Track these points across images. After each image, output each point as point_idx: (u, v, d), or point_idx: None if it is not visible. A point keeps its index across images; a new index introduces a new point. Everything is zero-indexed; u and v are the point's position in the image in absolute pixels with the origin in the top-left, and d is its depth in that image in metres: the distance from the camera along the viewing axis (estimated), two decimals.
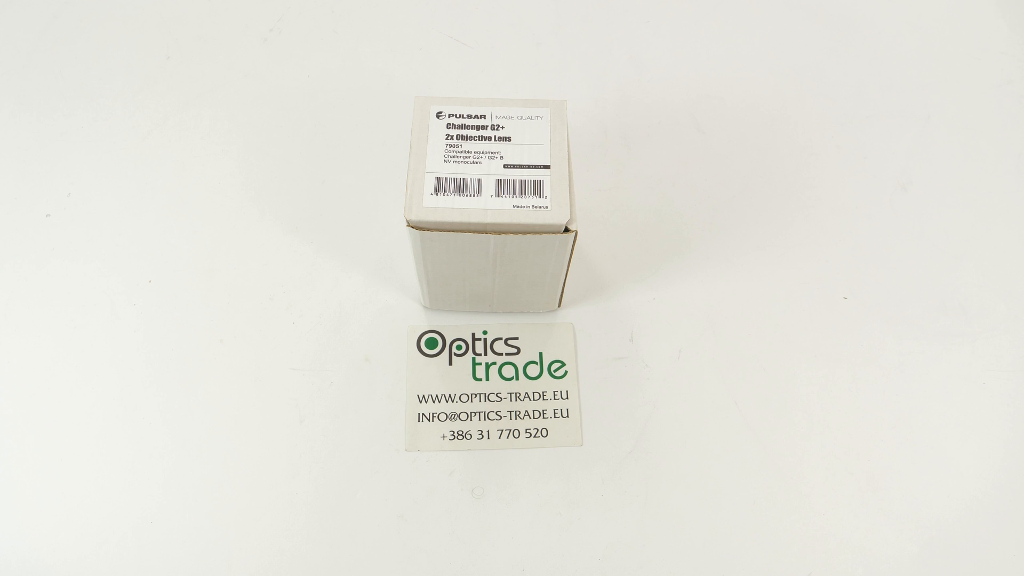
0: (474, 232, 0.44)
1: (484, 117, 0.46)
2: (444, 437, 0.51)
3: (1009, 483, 0.50)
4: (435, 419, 0.51)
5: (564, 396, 0.52)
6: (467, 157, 0.45)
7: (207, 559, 0.47)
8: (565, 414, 0.52)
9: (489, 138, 0.45)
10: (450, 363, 0.53)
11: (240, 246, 0.57)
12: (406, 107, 0.58)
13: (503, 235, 0.44)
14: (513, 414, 0.52)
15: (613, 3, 0.69)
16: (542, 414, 0.52)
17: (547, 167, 0.45)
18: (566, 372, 0.53)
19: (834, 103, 0.64)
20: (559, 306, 0.54)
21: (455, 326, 0.54)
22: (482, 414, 0.52)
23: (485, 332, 0.54)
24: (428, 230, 0.44)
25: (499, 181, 0.44)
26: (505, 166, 0.45)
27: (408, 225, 0.44)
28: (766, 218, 0.59)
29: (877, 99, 0.65)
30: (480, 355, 0.53)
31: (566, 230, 0.44)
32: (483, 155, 0.45)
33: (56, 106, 0.62)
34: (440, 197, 0.44)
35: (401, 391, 0.52)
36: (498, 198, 0.44)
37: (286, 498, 0.49)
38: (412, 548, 0.48)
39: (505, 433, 0.51)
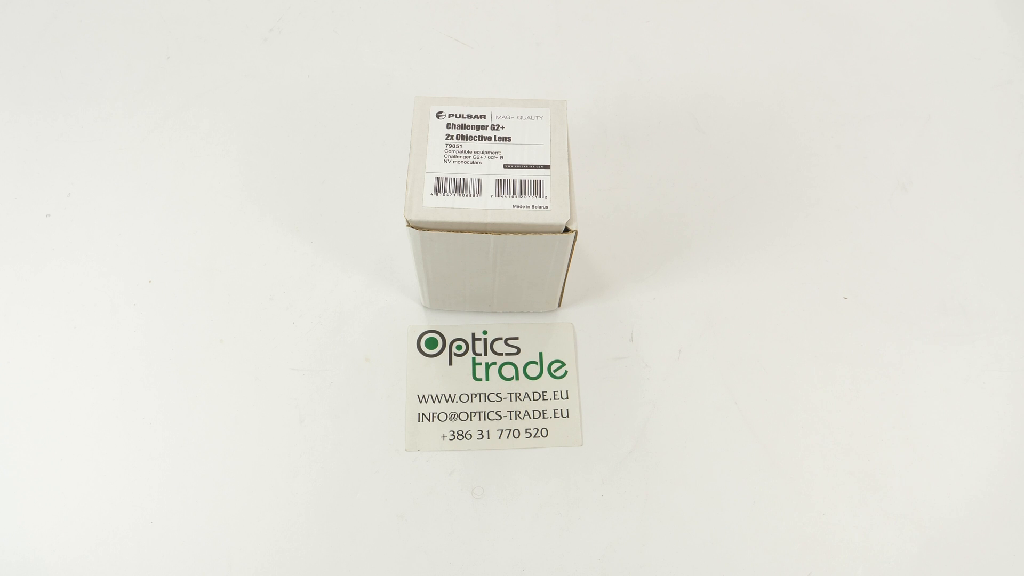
0: (474, 232, 0.44)
1: (484, 117, 0.46)
2: (444, 437, 0.51)
3: (1009, 483, 0.50)
4: (435, 419, 0.51)
5: (564, 396, 0.52)
6: (467, 157, 0.45)
7: (207, 559, 0.47)
8: (565, 414, 0.52)
9: (489, 138, 0.45)
10: (450, 363, 0.53)
11: (240, 246, 0.57)
12: (406, 107, 0.58)
13: (503, 235, 0.44)
14: (513, 414, 0.52)
15: (613, 3, 0.69)
16: (542, 414, 0.52)
17: (547, 167, 0.45)
18: (566, 372, 0.53)
19: (834, 103, 0.64)
20: (559, 306, 0.54)
21: (455, 326, 0.54)
22: (482, 414, 0.52)
23: (485, 332, 0.54)
24: (428, 230, 0.44)
25: (499, 181, 0.44)
26: (505, 166, 0.44)
27: (408, 225, 0.44)
28: (766, 218, 0.59)
29: (877, 99, 0.64)
30: (480, 355, 0.53)
31: (566, 230, 0.44)
32: (483, 155, 0.45)
33: (56, 106, 0.62)
34: (440, 197, 0.43)
35: (401, 391, 0.52)
36: (498, 198, 0.44)
37: (286, 498, 0.49)
38: (412, 548, 0.48)
39: (505, 433, 0.51)
